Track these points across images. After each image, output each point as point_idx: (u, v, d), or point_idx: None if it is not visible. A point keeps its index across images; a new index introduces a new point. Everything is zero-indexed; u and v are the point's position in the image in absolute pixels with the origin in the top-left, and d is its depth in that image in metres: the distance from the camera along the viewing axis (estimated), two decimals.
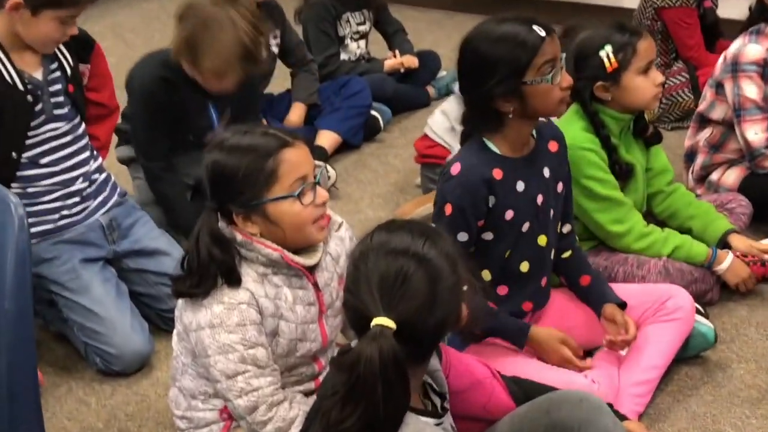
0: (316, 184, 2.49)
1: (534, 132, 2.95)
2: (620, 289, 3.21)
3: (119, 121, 4.00)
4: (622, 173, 3.43)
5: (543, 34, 2.72)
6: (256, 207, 2.46)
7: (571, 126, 3.39)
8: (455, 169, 2.80)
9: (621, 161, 3.43)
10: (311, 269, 2.63)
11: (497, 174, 2.83)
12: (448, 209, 2.82)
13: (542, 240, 3.01)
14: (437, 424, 2.14)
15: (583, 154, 3.34)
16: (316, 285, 2.64)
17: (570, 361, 2.99)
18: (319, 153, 4.84)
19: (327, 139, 4.99)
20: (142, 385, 3.46)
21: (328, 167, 4.58)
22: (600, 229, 3.47)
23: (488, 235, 2.93)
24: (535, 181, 2.93)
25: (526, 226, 2.96)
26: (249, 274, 2.53)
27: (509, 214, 2.92)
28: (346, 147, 5.09)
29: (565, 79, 2.76)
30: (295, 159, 2.46)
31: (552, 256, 3.07)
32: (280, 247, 2.53)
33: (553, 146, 2.98)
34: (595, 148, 3.37)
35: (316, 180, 2.50)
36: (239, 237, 2.51)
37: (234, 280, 2.49)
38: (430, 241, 1.98)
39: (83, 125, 3.58)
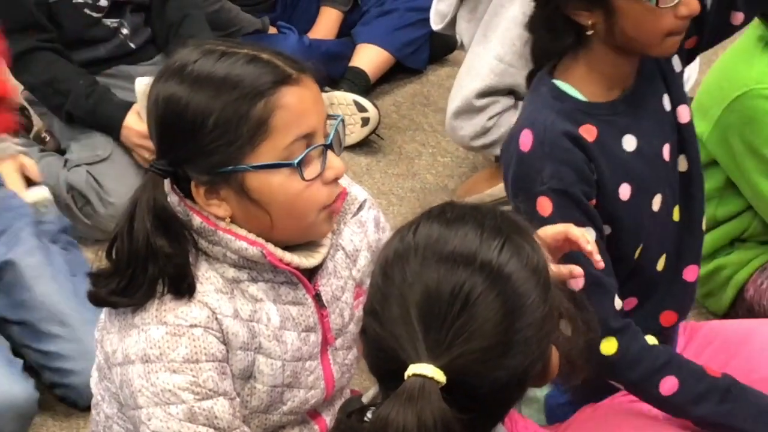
0: (327, 148, 2.11)
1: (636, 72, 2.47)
2: None
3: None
4: None
5: None
6: (229, 176, 2.08)
7: (751, 62, 2.98)
8: (526, 140, 2.38)
9: None
10: (310, 273, 2.22)
11: (587, 133, 2.39)
12: (546, 206, 2.35)
13: (676, 214, 2.54)
14: None
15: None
16: (318, 298, 2.24)
17: None
18: (356, 79, 4.19)
19: (369, 57, 4.30)
20: None
21: (365, 105, 3.92)
22: None
23: (605, 229, 2.48)
24: (651, 124, 2.47)
25: (657, 201, 2.48)
26: (210, 280, 2.11)
27: (625, 191, 2.43)
28: (400, 71, 4.40)
29: (690, 4, 2.26)
30: (298, 104, 2.08)
31: (701, 228, 2.59)
32: (261, 239, 2.10)
33: (683, 113, 2.50)
34: None
35: (328, 141, 2.11)
36: (197, 220, 2.11)
37: (184, 289, 2.08)
38: (510, 245, 1.69)
39: None
